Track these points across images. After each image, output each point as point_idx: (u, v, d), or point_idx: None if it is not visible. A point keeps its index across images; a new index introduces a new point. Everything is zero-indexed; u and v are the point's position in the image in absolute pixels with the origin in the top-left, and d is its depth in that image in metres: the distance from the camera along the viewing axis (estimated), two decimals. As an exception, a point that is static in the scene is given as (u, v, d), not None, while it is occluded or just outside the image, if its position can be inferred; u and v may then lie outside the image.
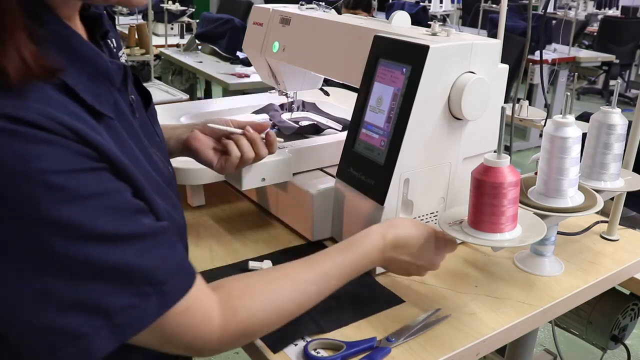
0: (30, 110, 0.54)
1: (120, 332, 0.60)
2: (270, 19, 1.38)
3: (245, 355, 0.88)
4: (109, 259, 0.58)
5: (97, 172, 0.59)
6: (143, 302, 0.61)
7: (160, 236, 0.64)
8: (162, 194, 0.71)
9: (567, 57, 4.95)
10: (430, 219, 1.06)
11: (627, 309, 1.29)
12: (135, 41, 3.40)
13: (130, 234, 0.60)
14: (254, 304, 0.71)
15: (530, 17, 1.35)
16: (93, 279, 0.58)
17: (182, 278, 0.65)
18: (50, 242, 0.55)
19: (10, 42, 0.54)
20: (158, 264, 0.62)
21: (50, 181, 0.54)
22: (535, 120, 1.82)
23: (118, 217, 0.59)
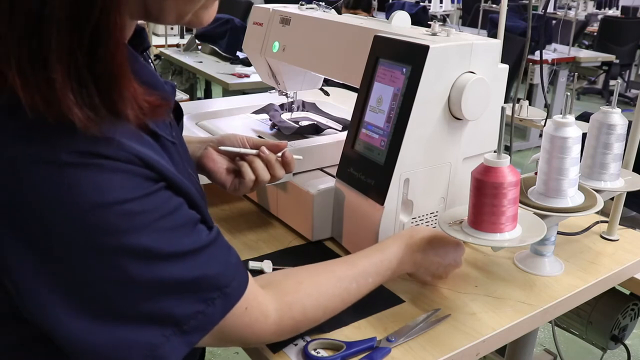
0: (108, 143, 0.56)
1: (189, 338, 0.63)
2: (270, 19, 1.38)
3: (245, 355, 0.88)
4: (179, 275, 0.61)
5: (160, 192, 0.60)
6: (209, 306, 0.64)
7: (217, 242, 0.67)
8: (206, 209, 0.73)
9: (567, 57, 4.95)
10: (430, 219, 1.06)
11: (627, 309, 1.29)
12: (135, 41, 3.39)
13: (195, 247, 0.63)
14: (307, 301, 0.76)
15: (530, 17, 1.35)
16: (164, 294, 0.61)
17: (241, 278, 0.69)
18: (125, 266, 0.58)
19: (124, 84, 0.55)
20: (221, 269, 0.66)
21: (126, 209, 0.56)
22: (535, 120, 1.82)
23: (184, 233, 0.62)
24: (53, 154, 0.54)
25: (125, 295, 0.59)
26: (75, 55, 0.51)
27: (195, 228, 0.65)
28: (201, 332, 0.64)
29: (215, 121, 1.42)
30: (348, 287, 0.81)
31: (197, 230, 0.65)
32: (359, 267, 0.84)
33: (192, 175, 0.77)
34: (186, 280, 0.62)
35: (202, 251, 0.64)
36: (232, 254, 0.70)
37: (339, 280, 0.80)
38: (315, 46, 1.25)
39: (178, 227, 0.62)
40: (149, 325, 0.60)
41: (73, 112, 0.52)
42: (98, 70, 0.53)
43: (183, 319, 0.62)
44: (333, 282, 0.80)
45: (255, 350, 0.84)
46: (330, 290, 0.79)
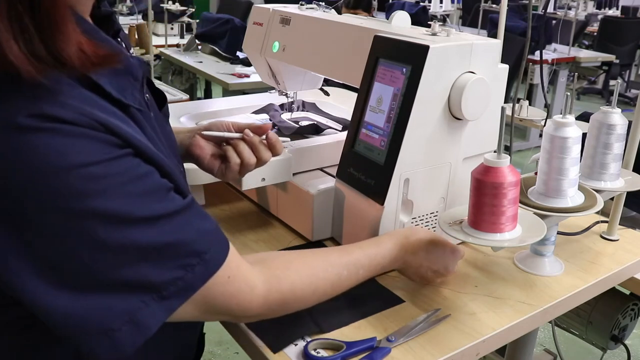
0: (65, 107, 0.56)
1: (169, 304, 0.62)
2: (270, 19, 1.38)
3: (245, 355, 0.88)
4: (153, 239, 0.61)
5: (126, 157, 0.60)
6: (188, 272, 0.63)
7: (192, 208, 0.66)
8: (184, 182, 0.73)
9: (567, 57, 4.95)
10: (430, 219, 1.06)
11: (627, 309, 1.29)
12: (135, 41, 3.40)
13: (168, 212, 0.63)
14: (296, 278, 0.76)
15: (530, 17, 1.35)
16: (139, 260, 0.60)
17: (220, 245, 0.68)
18: (96, 231, 0.57)
19: (67, 32, 0.55)
20: (197, 235, 0.65)
21: (87, 173, 0.56)
22: (535, 120, 1.82)
23: (154, 198, 0.62)
24: (10, 117, 0.53)
25: (99, 261, 0.58)
26: (15, 3, 0.52)
27: (168, 195, 0.64)
28: (181, 298, 0.63)
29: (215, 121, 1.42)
30: (339, 273, 0.81)
31: (170, 196, 0.64)
32: (353, 256, 0.85)
33: (170, 154, 0.76)
34: (160, 245, 0.61)
35: (176, 216, 0.63)
36: (209, 220, 0.68)
37: (330, 265, 0.81)
38: (315, 46, 1.25)
39: (148, 193, 0.62)
40: (126, 291, 0.60)
41: (17, 60, 0.52)
42: (39, 17, 0.53)
43: (161, 285, 0.62)
44: (324, 265, 0.80)
45: (255, 351, 0.84)
46: (321, 273, 0.80)
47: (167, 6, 4.18)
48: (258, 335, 0.85)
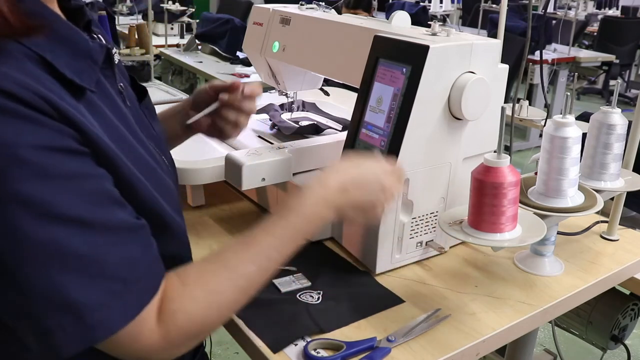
0: (6, 79, 0.54)
1: (90, 334, 0.56)
2: (270, 19, 1.38)
3: (245, 355, 0.88)
4: (76, 244, 0.55)
5: (78, 155, 0.57)
6: (114, 301, 0.57)
7: (137, 233, 0.62)
8: (155, 178, 0.70)
9: (567, 57, 4.95)
10: (430, 219, 1.06)
11: (627, 309, 1.29)
12: (135, 41, 3.39)
13: (103, 223, 0.58)
14: (192, 306, 0.65)
15: (530, 17, 1.35)
16: (59, 265, 0.55)
17: (153, 281, 0.63)
18: (16, 217, 0.53)
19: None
20: (131, 261, 0.60)
21: (22, 155, 0.53)
22: (535, 120, 1.82)
23: (91, 202, 0.57)
24: None
25: (19, 256, 0.54)
26: None
27: (111, 206, 0.59)
28: (107, 331, 0.57)
29: (215, 121, 1.42)
30: (245, 273, 0.69)
31: (112, 209, 0.59)
32: (258, 246, 0.72)
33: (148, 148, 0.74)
34: (84, 255, 0.55)
35: (111, 232, 0.58)
36: (150, 252, 0.63)
37: (231, 270, 0.69)
38: (315, 46, 1.25)
39: (87, 194, 0.57)
40: (42, 302, 0.54)
41: None
42: None
43: (83, 308, 0.55)
44: (224, 274, 0.69)
45: (255, 350, 0.84)
46: (222, 287, 0.68)
47: (167, 6, 4.18)
48: (258, 335, 0.85)
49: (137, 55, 3.37)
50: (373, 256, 1.01)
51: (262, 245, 0.72)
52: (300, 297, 0.95)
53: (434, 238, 1.07)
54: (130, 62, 3.38)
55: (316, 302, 0.93)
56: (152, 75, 3.48)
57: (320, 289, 0.97)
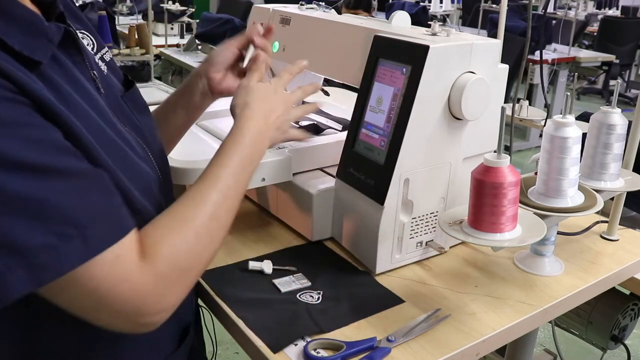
0: None
1: (37, 274, 0.56)
2: (270, 19, 1.38)
3: (245, 355, 0.88)
4: (24, 189, 0.55)
5: (17, 104, 0.58)
6: (63, 243, 0.57)
7: (90, 179, 0.61)
8: (124, 160, 0.71)
9: (567, 57, 4.95)
10: (430, 219, 1.06)
11: (627, 309, 1.29)
12: (135, 41, 3.39)
13: (52, 167, 0.58)
14: (170, 235, 0.68)
15: (530, 17, 1.35)
16: (6, 211, 0.55)
17: (112, 226, 0.62)
18: None
19: None
20: (82, 206, 0.59)
21: None
22: (535, 120, 1.82)
23: (40, 149, 0.57)
24: None
25: None
26: None
27: (63, 154, 0.59)
28: (54, 272, 0.57)
29: (215, 121, 1.42)
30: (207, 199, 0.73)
31: (64, 156, 0.59)
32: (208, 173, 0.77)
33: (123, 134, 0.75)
34: (32, 199, 0.55)
35: (62, 177, 0.58)
36: (109, 199, 0.63)
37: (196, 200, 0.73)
38: (315, 46, 1.25)
39: (35, 141, 0.57)
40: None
41: None
42: None
43: (29, 249, 0.55)
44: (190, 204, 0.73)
45: (255, 350, 0.84)
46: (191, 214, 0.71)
47: (167, 6, 4.19)
48: (258, 335, 0.85)
49: (137, 55, 3.37)
50: (373, 256, 1.01)
51: (220, 175, 0.77)
52: (300, 297, 0.95)
53: (434, 238, 1.07)
54: (130, 62, 3.38)
55: (316, 302, 0.93)
56: (152, 75, 3.48)
57: (320, 289, 0.97)
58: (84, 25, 0.84)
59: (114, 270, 0.61)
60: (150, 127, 0.88)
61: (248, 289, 0.97)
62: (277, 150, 1.13)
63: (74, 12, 0.84)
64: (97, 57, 0.83)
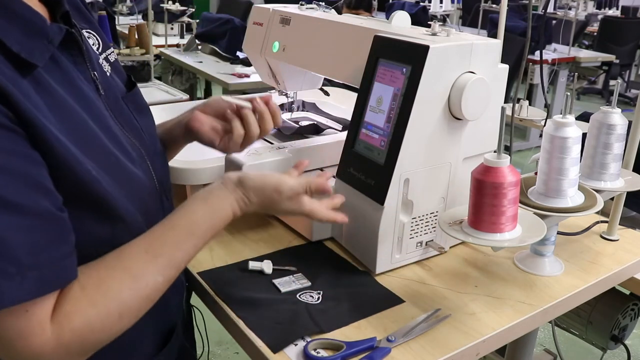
0: None
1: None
2: (270, 19, 1.38)
3: (245, 355, 0.88)
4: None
5: (6, 131, 0.57)
6: (3, 280, 0.55)
7: (49, 222, 0.60)
8: (113, 166, 0.70)
9: (567, 57, 4.95)
10: (430, 219, 1.06)
11: (627, 309, 1.29)
12: (135, 41, 3.39)
13: (15, 203, 0.56)
14: (90, 311, 0.63)
15: (530, 17, 1.35)
16: None
17: (56, 274, 0.60)
18: None
19: None
20: (34, 249, 0.58)
21: None
22: (535, 120, 1.82)
23: (7, 180, 0.56)
24: None
25: None
26: None
27: (30, 189, 0.58)
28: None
29: (215, 121, 1.42)
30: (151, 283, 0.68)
31: (30, 192, 0.58)
32: (165, 256, 0.70)
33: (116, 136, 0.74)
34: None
35: (21, 213, 0.57)
36: (59, 248, 0.61)
37: (136, 279, 0.67)
38: (315, 46, 1.25)
39: (4, 170, 0.56)
40: None
41: None
42: None
43: None
44: (128, 282, 0.66)
45: (255, 350, 0.84)
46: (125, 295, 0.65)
47: (167, 6, 4.18)
48: (258, 335, 0.85)
49: (137, 55, 3.37)
50: (373, 256, 1.01)
51: (170, 257, 0.70)
52: (300, 297, 0.95)
53: (434, 238, 1.07)
54: (130, 62, 3.38)
55: (316, 302, 0.93)
56: (152, 75, 3.48)
57: (320, 289, 0.97)
58: (91, 25, 0.84)
59: (17, 324, 0.58)
60: (150, 128, 0.88)
61: (248, 289, 0.97)
62: (277, 150, 1.13)
63: (82, 10, 0.83)
64: (102, 57, 0.82)
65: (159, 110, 1.45)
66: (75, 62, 0.72)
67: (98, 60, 0.80)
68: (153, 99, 3.05)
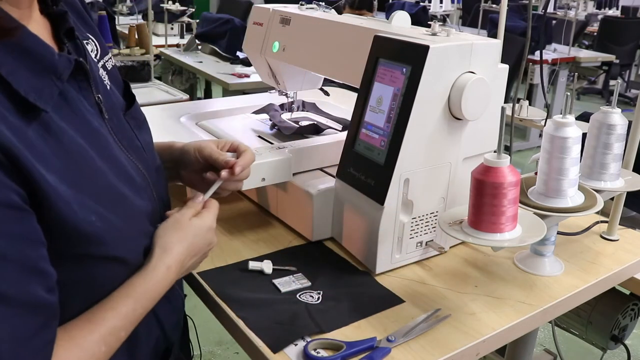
0: None
1: None
2: (270, 19, 1.38)
3: (245, 355, 0.88)
4: None
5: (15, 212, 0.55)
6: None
7: (36, 312, 0.58)
8: (114, 200, 0.68)
9: (567, 57, 4.95)
10: (430, 219, 1.06)
11: (627, 309, 1.29)
12: (135, 41, 3.39)
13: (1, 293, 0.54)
14: None
15: (530, 17, 1.35)
16: None
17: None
18: None
19: None
20: (18, 341, 0.55)
21: None
22: (535, 120, 1.82)
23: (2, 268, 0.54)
24: None
25: None
26: None
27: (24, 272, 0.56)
28: None
29: (215, 121, 1.42)
30: (96, 353, 0.67)
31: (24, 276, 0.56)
32: (106, 325, 0.68)
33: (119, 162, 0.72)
34: None
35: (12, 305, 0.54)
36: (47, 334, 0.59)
37: (83, 350, 0.65)
38: (315, 46, 1.25)
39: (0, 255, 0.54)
40: None
41: None
42: None
43: None
44: (76, 352, 0.64)
45: (255, 350, 0.84)
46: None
47: (167, 6, 4.18)
48: (258, 335, 0.85)
49: (137, 55, 3.36)
50: (373, 256, 1.01)
51: (112, 326, 0.69)
52: (300, 297, 0.95)
53: (434, 238, 1.07)
54: (130, 62, 3.38)
55: (316, 302, 0.93)
56: (152, 75, 3.47)
57: (320, 289, 0.97)
58: (90, 29, 0.81)
59: None
60: (149, 144, 0.86)
61: (248, 289, 0.97)
62: (277, 150, 1.13)
63: (82, 14, 0.81)
64: (100, 64, 0.79)
65: (159, 111, 1.46)
66: (80, 88, 0.70)
67: (98, 72, 0.77)
68: (153, 99, 3.05)
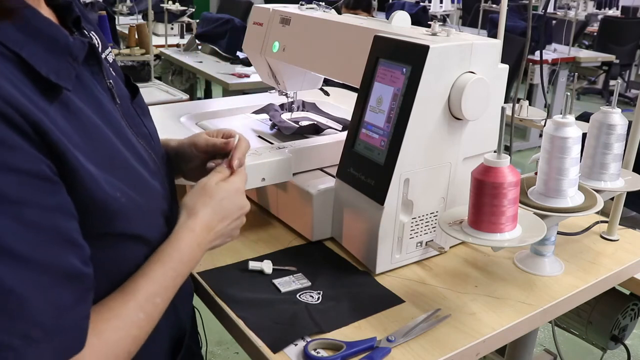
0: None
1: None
2: (270, 19, 1.38)
3: (245, 355, 0.88)
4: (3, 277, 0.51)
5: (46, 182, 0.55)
6: (26, 347, 0.52)
7: (74, 282, 0.57)
8: (135, 180, 0.69)
9: (567, 57, 4.95)
10: (430, 219, 1.06)
11: (627, 309, 1.29)
12: (135, 41, 3.39)
13: (41, 262, 0.53)
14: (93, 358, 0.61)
15: (530, 17, 1.35)
16: None
17: (78, 335, 0.58)
18: None
19: None
20: (60, 310, 0.55)
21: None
22: (535, 120, 1.82)
23: (37, 238, 0.54)
24: None
25: None
26: None
27: (59, 243, 0.55)
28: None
29: (215, 121, 1.42)
30: (135, 321, 0.67)
31: (60, 247, 0.55)
32: (141, 293, 0.69)
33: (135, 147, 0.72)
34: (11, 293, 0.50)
35: (51, 274, 0.54)
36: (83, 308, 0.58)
37: (121, 320, 0.66)
38: (315, 46, 1.25)
39: (36, 226, 0.53)
40: None
41: None
42: None
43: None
44: (115, 323, 0.65)
45: (255, 350, 0.84)
46: (117, 336, 0.65)
47: (167, 6, 4.18)
48: (258, 335, 0.85)
49: (137, 55, 3.37)
50: (373, 256, 1.01)
51: (147, 293, 0.70)
52: (300, 297, 0.95)
53: (434, 238, 1.07)
54: (130, 62, 3.38)
55: (316, 302, 0.93)
56: (152, 75, 3.47)
57: (320, 289, 0.97)
58: (91, 25, 0.81)
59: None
60: (155, 133, 0.86)
61: (248, 289, 0.97)
62: (277, 150, 1.13)
63: (82, 11, 0.80)
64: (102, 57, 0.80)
65: (160, 110, 1.45)
66: (92, 72, 0.70)
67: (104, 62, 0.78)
68: (153, 99, 3.05)
